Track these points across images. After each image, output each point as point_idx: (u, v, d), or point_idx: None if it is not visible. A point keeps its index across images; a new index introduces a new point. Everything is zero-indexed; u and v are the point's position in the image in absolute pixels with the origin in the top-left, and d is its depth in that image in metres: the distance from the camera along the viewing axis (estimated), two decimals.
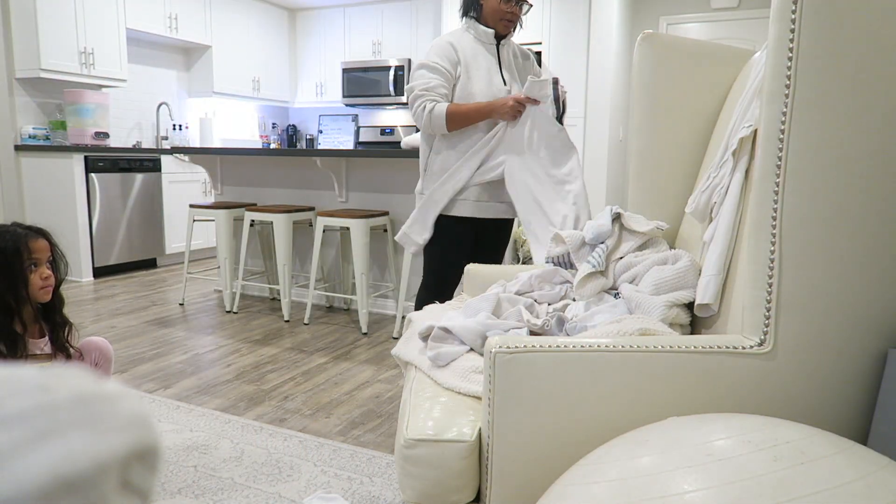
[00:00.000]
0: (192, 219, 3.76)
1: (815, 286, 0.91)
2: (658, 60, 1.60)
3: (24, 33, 4.46)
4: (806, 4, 0.85)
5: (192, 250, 4.33)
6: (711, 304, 1.17)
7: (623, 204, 5.83)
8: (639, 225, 1.48)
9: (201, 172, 5.38)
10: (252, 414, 2.25)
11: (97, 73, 4.88)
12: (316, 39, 6.89)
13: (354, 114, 6.80)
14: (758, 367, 0.94)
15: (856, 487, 0.64)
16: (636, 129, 1.65)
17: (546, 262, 1.63)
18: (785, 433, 0.71)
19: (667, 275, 1.27)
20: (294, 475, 1.82)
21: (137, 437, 0.33)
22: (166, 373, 2.67)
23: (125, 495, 0.32)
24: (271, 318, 3.59)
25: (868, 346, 0.92)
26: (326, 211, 3.38)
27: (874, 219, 0.89)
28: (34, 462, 0.28)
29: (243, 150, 3.73)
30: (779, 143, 0.90)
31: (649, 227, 1.47)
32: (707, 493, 0.65)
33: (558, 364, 0.96)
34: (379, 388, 2.53)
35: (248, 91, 6.47)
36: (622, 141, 5.63)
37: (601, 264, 1.41)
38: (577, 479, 0.78)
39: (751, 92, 1.23)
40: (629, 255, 1.43)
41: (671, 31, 5.78)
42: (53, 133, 4.82)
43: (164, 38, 5.55)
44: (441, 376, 1.20)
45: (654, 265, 1.33)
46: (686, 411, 0.95)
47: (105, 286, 4.37)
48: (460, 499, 1.04)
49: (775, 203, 0.91)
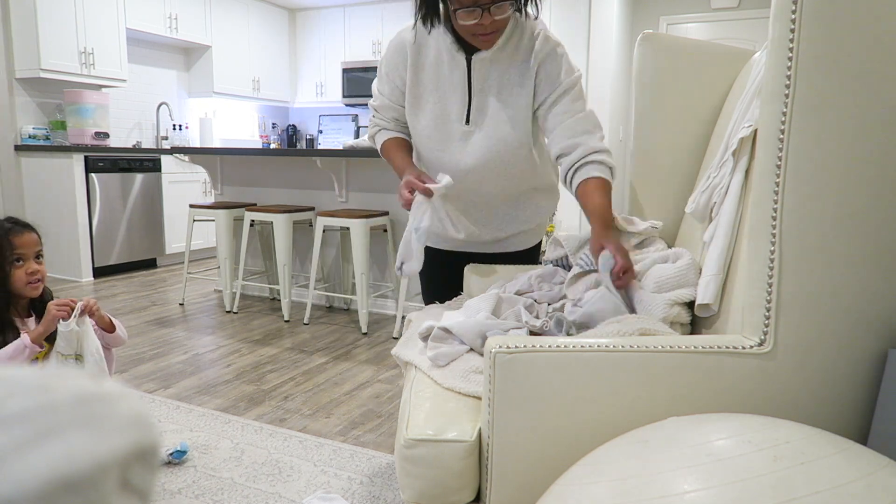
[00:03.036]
0: (192, 219, 3.76)
1: (815, 286, 0.91)
2: (658, 60, 1.60)
3: (24, 33, 4.46)
4: (806, 4, 0.85)
5: (192, 250, 4.33)
6: (711, 304, 1.17)
7: (623, 204, 5.83)
8: (633, 226, 1.48)
9: (201, 172, 5.38)
10: (252, 414, 2.25)
11: (97, 73, 4.88)
12: (316, 39, 6.89)
13: (354, 114, 6.80)
14: (758, 367, 0.94)
15: (856, 487, 0.64)
16: (636, 129, 1.65)
17: (545, 265, 1.64)
18: (785, 433, 0.71)
19: (669, 272, 1.26)
20: (294, 475, 1.82)
21: (137, 437, 0.33)
22: (166, 373, 2.67)
23: (125, 495, 0.32)
24: (271, 318, 3.59)
25: (868, 346, 0.92)
26: (326, 211, 3.38)
27: (874, 219, 0.89)
28: (34, 462, 0.28)
29: (243, 150, 3.73)
30: (779, 143, 0.90)
31: (643, 227, 1.47)
32: (707, 493, 0.65)
33: (558, 364, 0.96)
34: (379, 388, 2.53)
35: (248, 91, 6.47)
36: (622, 141, 5.63)
37: (591, 264, 1.41)
38: (576, 479, 0.78)
39: (751, 92, 1.23)
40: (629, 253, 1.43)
41: (671, 31, 5.77)
42: (53, 133, 4.81)
43: (164, 38, 5.55)
44: (441, 376, 1.20)
45: (656, 263, 1.33)
46: (686, 411, 0.95)
47: (105, 286, 4.37)
48: (460, 499, 1.04)
49: (775, 203, 0.91)
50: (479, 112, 1.51)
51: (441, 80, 1.52)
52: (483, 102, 1.51)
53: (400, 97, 1.59)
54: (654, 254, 1.38)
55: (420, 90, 1.55)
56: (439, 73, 1.52)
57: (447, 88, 1.52)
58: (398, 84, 1.58)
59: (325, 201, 3.82)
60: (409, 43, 1.53)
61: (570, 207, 4.90)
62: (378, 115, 1.66)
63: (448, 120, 1.53)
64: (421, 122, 1.56)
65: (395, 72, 1.57)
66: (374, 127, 1.68)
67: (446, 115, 1.53)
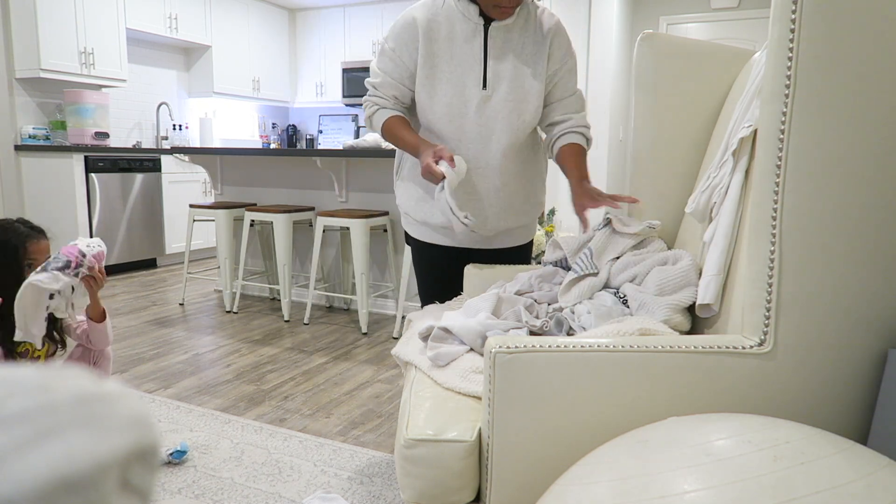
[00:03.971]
0: (192, 219, 3.76)
1: (815, 286, 0.91)
2: (658, 60, 1.60)
3: (24, 33, 4.46)
4: (806, 4, 0.85)
5: (192, 250, 4.34)
6: (712, 304, 1.17)
7: (623, 204, 5.83)
8: (629, 227, 1.48)
9: (201, 172, 5.38)
10: (252, 414, 2.25)
11: (97, 73, 4.88)
12: (316, 39, 6.89)
13: (354, 114, 6.80)
14: (758, 367, 0.94)
15: (856, 487, 0.64)
16: (636, 129, 1.65)
17: (544, 265, 1.64)
18: (785, 433, 0.71)
19: (669, 275, 1.26)
20: (294, 475, 1.82)
21: (137, 437, 0.33)
22: (166, 373, 2.67)
23: (125, 495, 0.32)
24: (271, 318, 3.59)
25: (868, 346, 0.92)
26: (326, 211, 3.38)
27: (874, 219, 0.89)
28: (34, 462, 0.28)
29: (243, 150, 3.73)
30: (779, 143, 0.90)
31: (639, 228, 1.47)
32: (707, 493, 0.65)
33: (558, 364, 0.96)
34: (379, 388, 2.53)
35: (248, 91, 6.47)
36: (622, 141, 5.63)
37: (588, 268, 1.41)
38: (576, 479, 0.78)
39: (751, 92, 1.23)
40: (627, 255, 1.43)
41: (671, 31, 5.78)
42: (53, 133, 4.82)
43: (164, 38, 5.55)
44: (441, 376, 1.20)
45: (656, 265, 1.32)
46: (686, 411, 0.95)
47: (105, 286, 4.37)
48: (460, 499, 1.04)
49: (775, 203, 0.91)
50: (497, 77, 1.59)
51: (455, 51, 1.58)
52: (499, 68, 1.59)
53: (403, 74, 1.62)
54: (654, 255, 1.38)
55: (435, 61, 1.59)
56: (453, 45, 1.58)
57: (463, 58, 1.58)
58: (405, 61, 1.60)
59: (325, 201, 3.82)
60: (421, 19, 1.57)
61: (570, 208, 4.90)
62: (377, 92, 1.66)
63: (465, 87, 1.58)
64: (438, 93, 1.60)
65: (403, 48, 1.59)
66: (373, 106, 1.68)
67: (463, 84, 1.58)
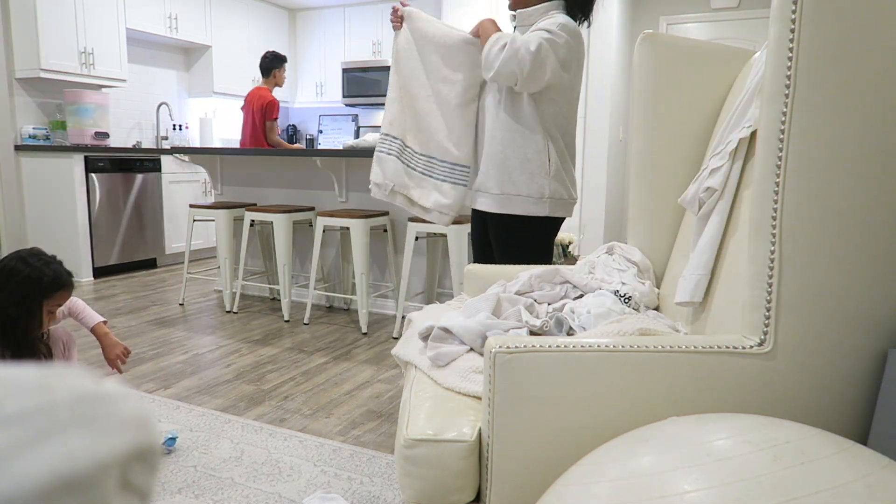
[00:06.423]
0: (192, 219, 3.76)
1: (815, 286, 0.91)
2: (658, 60, 1.60)
3: (24, 33, 4.46)
4: (806, 4, 0.85)
5: (192, 250, 4.33)
6: (693, 300, 1.20)
7: (623, 204, 5.83)
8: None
9: (201, 172, 5.38)
10: (252, 414, 2.25)
11: (97, 73, 4.88)
12: (316, 39, 6.89)
13: (354, 114, 6.80)
14: (758, 367, 0.94)
15: (856, 487, 0.64)
16: (636, 129, 1.65)
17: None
18: (785, 433, 0.71)
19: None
20: (294, 475, 1.82)
21: (137, 437, 0.33)
22: (166, 373, 2.67)
23: (125, 495, 0.32)
24: (271, 318, 3.59)
25: (868, 346, 0.92)
26: (326, 211, 3.38)
27: (874, 219, 0.89)
28: (34, 462, 0.28)
29: (243, 150, 3.73)
30: (779, 143, 0.90)
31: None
32: (707, 493, 0.65)
33: (558, 364, 0.96)
34: (379, 388, 2.53)
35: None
36: (622, 141, 5.63)
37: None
38: (576, 479, 0.78)
39: (750, 92, 1.23)
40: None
41: (671, 31, 5.78)
42: (53, 133, 4.81)
43: (164, 38, 5.55)
44: (441, 376, 1.20)
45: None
46: (686, 411, 0.95)
47: (105, 286, 4.37)
48: (460, 499, 1.04)
49: (775, 203, 0.91)
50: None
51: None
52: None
53: None
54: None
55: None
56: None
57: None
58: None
59: (325, 201, 3.82)
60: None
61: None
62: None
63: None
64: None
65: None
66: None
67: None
